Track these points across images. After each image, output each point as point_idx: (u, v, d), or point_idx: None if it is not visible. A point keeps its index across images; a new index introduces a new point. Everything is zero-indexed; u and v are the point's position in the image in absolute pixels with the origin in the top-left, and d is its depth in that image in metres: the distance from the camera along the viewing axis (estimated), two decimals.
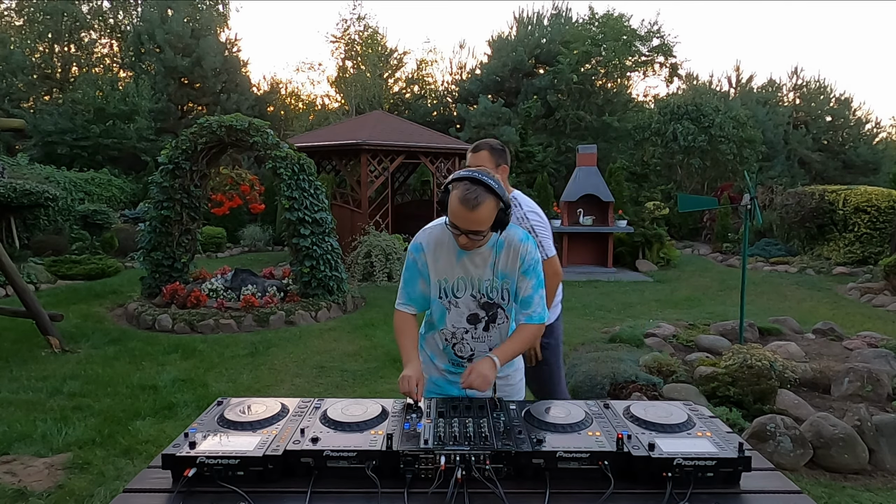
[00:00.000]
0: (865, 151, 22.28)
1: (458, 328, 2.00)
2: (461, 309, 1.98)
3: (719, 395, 3.90)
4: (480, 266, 1.94)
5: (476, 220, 1.76)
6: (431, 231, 2.00)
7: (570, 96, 19.54)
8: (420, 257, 1.98)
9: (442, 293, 1.98)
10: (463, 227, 1.79)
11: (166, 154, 6.76)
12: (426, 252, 1.97)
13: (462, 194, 1.75)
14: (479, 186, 1.76)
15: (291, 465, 1.42)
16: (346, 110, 23.17)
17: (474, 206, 1.74)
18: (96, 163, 16.12)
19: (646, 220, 11.42)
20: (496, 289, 1.96)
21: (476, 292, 1.96)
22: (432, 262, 1.96)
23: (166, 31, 18.97)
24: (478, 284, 1.95)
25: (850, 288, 8.81)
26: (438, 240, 1.96)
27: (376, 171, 11.18)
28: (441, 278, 1.96)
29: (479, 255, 1.93)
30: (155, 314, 6.49)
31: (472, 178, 1.77)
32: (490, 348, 2.00)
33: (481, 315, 1.98)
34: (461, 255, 1.93)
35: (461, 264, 1.94)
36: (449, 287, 1.96)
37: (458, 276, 1.95)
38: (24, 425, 3.73)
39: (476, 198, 1.74)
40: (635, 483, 1.39)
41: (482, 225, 1.79)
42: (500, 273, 1.94)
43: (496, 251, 1.92)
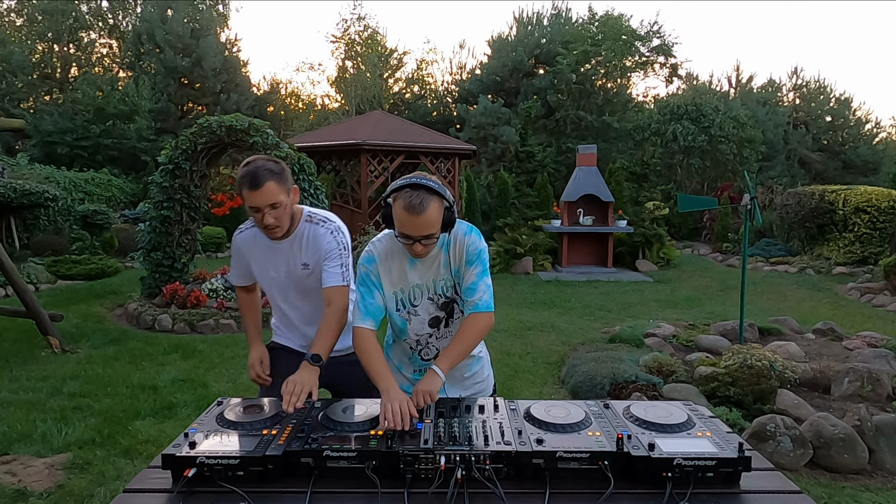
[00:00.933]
0: (865, 151, 22.28)
1: (421, 335, 1.99)
2: (421, 316, 1.96)
3: (719, 395, 3.90)
4: (433, 268, 1.92)
5: (426, 223, 1.73)
6: (380, 242, 1.94)
7: (570, 96, 19.54)
8: (373, 268, 1.92)
9: (399, 305, 1.95)
10: (414, 234, 1.75)
11: (166, 154, 6.76)
12: (378, 264, 1.92)
13: (406, 202, 1.71)
14: (420, 190, 1.72)
15: (291, 465, 1.42)
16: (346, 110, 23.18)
17: (421, 210, 1.71)
18: (96, 163, 16.13)
19: (646, 220, 11.42)
20: (450, 286, 1.94)
21: (433, 294, 1.94)
22: (385, 275, 1.92)
23: (166, 31, 18.97)
24: (433, 286, 1.93)
25: (850, 288, 8.81)
26: (388, 251, 1.93)
27: (376, 171, 11.18)
28: (396, 289, 1.94)
29: (429, 258, 1.90)
30: (155, 314, 6.49)
31: (411, 185, 1.74)
32: None
33: (441, 316, 1.97)
34: (413, 263, 1.91)
35: (414, 271, 1.92)
36: (406, 297, 1.94)
37: (414, 284, 1.93)
38: (24, 425, 3.73)
39: (421, 202, 1.70)
40: (635, 483, 1.39)
41: (432, 228, 1.75)
42: (454, 270, 1.92)
43: (445, 250, 1.91)
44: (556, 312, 7.25)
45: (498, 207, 12.43)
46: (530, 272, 10.44)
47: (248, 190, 1.94)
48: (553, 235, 11.06)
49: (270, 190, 1.94)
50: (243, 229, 2.21)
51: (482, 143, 18.67)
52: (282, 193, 1.97)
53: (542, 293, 8.56)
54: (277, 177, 1.96)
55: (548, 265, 10.92)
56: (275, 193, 1.95)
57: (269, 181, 1.93)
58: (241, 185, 1.95)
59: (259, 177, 1.93)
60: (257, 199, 1.94)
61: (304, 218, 2.13)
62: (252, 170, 1.94)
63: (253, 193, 1.93)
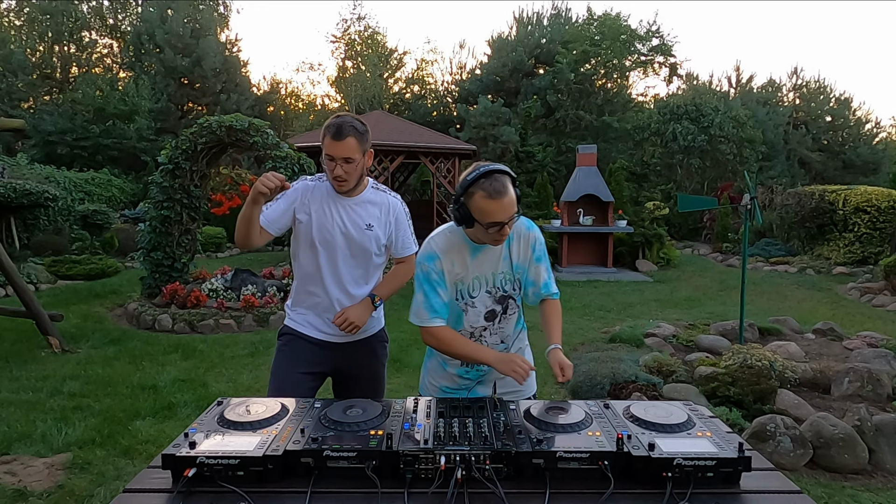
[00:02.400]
0: (865, 151, 22.29)
1: (476, 328, 2.01)
2: (478, 308, 1.98)
3: (719, 395, 3.90)
4: (493, 261, 1.96)
5: (510, 203, 1.78)
6: (439, 238, 1.96)
7: (570, 96, 19.55)
8: (435, 266, 1.93)
9: (458, 296, 1.97)
10: (503, 218, 1.78)
11: (166, 154, 6.76)
12: (441, 259, 1.93)
13: (488, 190, 1.75)
14: (493, 174, 1.78)
15: (291, 465, 1.42)
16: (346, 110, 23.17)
17: (505, 191, 1.76)
18: (96, 163, 16.14)
19: (646, 220, 11.42)
20: (509, 280, 1.98)
21: (491, 287, 1.97)
22: (448, 268, 1.94)
23: (166, 31, 18.98)
24: (492, 279, 1.97)
25: (850, 288, 8.82)
26: (449, 244, 1.94)
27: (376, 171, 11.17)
28: (457, 280, 1.96)
29: (490, 251, 1.94)
30: (155, 314, 6.49)
31: (485, 173, 1.78)
32: (502, 340, 2.04)
33: (498, 310, 2.00)
34: (475, 255, 1.94)
35: (475, 263, 1.95)
36: (465, 288, 1.97)
37: (473, 276, 1.96)
38: (24, 425, 3.73)
39: (502, 184, 1.76)
40: (635, 483, 1.39)
41: (515, 206, 1.80)
42: (515, 265, 1.97)
43: (507, 243, 1.94)
44: None
45: None
46: None
47: (329, 139, 2.04)
48: (553, 235, 11.06)
49: (349, 144, 2.04)
50: (309, 179, 2.25)
51: (482, 143, 18.67)
52: (358, 152, 2.07)
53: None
54: (360, 136, 2.06)
55: None
56: (352, 149, 2.05)
57: (350, 136, 2.03)
58: (325, 133, 2.06)
59: (343, 129, 2.03)
60: (335, 150, 2.04)
61: (370, 185, 2.25)
62: (339, 122, 2.05)
63: (333, 143, 2.04)
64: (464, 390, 2.05)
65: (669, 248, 11.47)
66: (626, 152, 18.87)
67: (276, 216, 2.17)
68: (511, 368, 1.82)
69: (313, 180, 2.24)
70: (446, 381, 2.09)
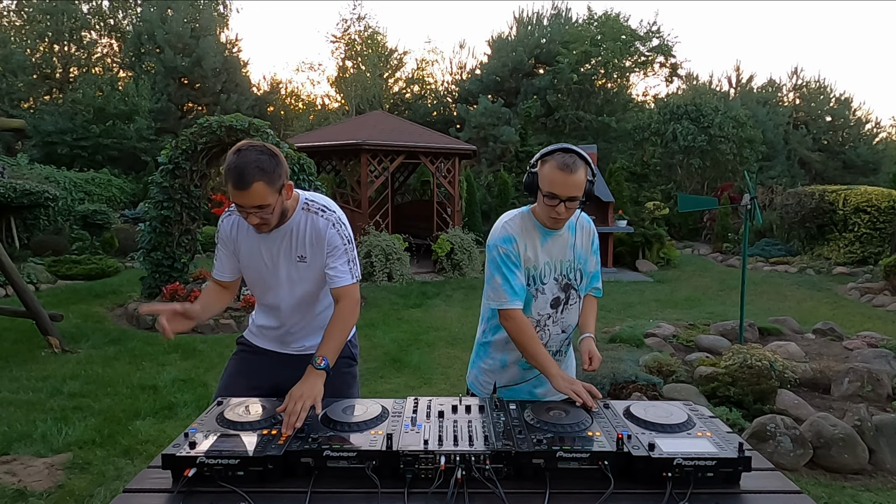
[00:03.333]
0: (865, 151, 22.29)
1: (542, 314, 2.01)
2: (546, 295, 1.99)
3: (719, 395, 3.90)
4: (562, 248, 1.99)
5: (575, 184, 1.80)
6: (513, 222, 1.96)
7: (570, 96, 19.55)
8: (512, 248, 1.92)
9: (530, 280, 1.97)
10: (563, 193, 1.80)
11: (166, 154, 6.76)
12: (517, 242, 1.93)
13: (560, 161, 1.80)
14: (572, 153, 1.82)
15: (291, 465, 1.42)
16: (346, 110, 23.17)
17: (574, 169, 1.79)
18: (96, 163, 16.14)
19: (646, 220, 11.42)
20: (574, 269, 2.02)
21: (558, 275, 2.00)
22: (522, 251, 1.94)
23: (166, 31, 18.98)
24: (559, 267, 2.00)
25: (850, 288, 8.81)
26: (523, 227, 1.96)
27: (376, 171, 11.17)
28: (529, 266, 1.96)
29: (559, 238, 1.98)
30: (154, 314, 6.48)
31: (563, 149, 1.84)
32: (563, 330, 2.05)
33: (562, 298, 2.02)
34: (545, 240, 1.96)
35: (545, 249, 1.97)
36: (537, 274, 1.97)
37: (545, 262, 1.98)
38: (24, 425, 3.73)
39: (574, 162, 1.80)
40: (635, 483, 1.39)
41: (579, 190, 1.81)
42: (578, 254, 2.02)
43: (573, 232, 2.00)
44: None
45: (498, 207, 12.43)
46: None
47: (232, 187, 1.71)
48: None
49: (258, 192, 1.70)
50: (231, 212, 1.97)
51: (482, 143, 18.66)
52: (271, 195, 1.73)
53: None
54: (268, 176, 1.71)
55: None
56: (262, 195, 1.72)
57: (257, 182, 1.69)
58: (227, 179, 1.71)
59: (246, 175, 1.68)
60: (242, 200, 1.73)
61: (300, 205, 1.92)
62: (240, 165, 1.69)
63: (237, 193, 1.71)
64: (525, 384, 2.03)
65: (669, 248, 11.47)
66: (626, 152, 18.87)
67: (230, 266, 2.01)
68: (573, 391, 1.74)
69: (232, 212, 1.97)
70: (505, 377, 2.04)
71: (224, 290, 2.06)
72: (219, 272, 2.03)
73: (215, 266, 2.04)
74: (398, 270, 8.98)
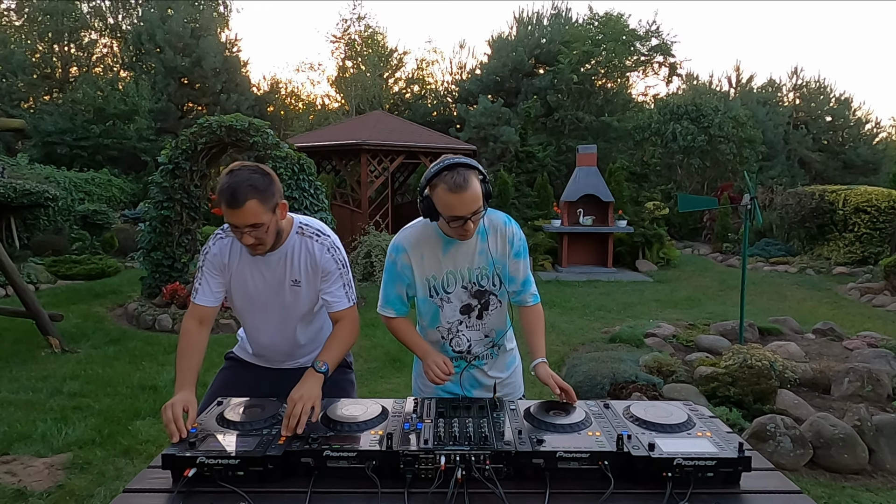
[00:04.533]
0: (865, 151, 22.29)
1: (452, 322, 1.98)
2: (453, 303, 1.96)
3: (719, 395, 3.90)
4: (467, 255, 1.92)
5: (473, 198, 1.73)
6: (411, 231, 1.95)
7: (570, 96, 19.53)
8: (400, 258, 1.93)
9: (432, 291, 1.95)
10: (465, 212, 1.74)
11: (166, 154, 6.76)
12: (408, 252, 1.92)
13: (449, 184, 1.71)
14: (457, 168, 1.73)
15: (291, 465, 1.42)
16: (346, 110, 23.17)
17: (466, 186, 1.71)
18: (96, 163, 16.14)
19: (646, 220, 11.42)
20: (486, 276, 1.94)
21: (466, 283, 1.94)
22: (417, 262, 1.92)
23: (166, 31, 18.98)
24: (467, 275, 1.94)
25: (850, 288, 8.81)
26: (420, 237, 1.92)
27: (376, 171, 11.18)
28: (429, 276, 1.93)
29: (463, 245, 1.90)
30: (155, 314, 6.49)
31: (445, 167, 1.74)
32: (486, 335, 2.01)
33: (474, 304, 1.97)
34: (447, 249, 1.91)
35: (448, 257, 1.92)
36: (438, 284, 1.94)
37: (447, 271, 1.93)
38: (24, 425, 3.73)
39: (464, 178, 1.71)
40: (635, 483, 1.39)
41: (479, 201, 1.75)
42: (490, 260, 1.92)
43: (482, 237, 1.91)
44: (556, 312, 7.24)
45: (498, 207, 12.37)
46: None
47: (226, 207, 1.71)
48: (553, 235, 11.06)
49: (251, 210, 1.70)
50: (222, 235, 1.94)
51: (482, 143, 18.66)
52: (265, 214, 1.73)
53: (542, 293, 8.43)
54: (261, 195, 1.71)
55: (548, 265, 10.92)
56: (256, 214, 1.71)
57: (250, 200, 1.69)
58: (220, 198, 1.71)
59: (239, 194, 1.68)
60: (235, 219, 1.72)
61: (294, 229, 1.91)
62: (233, 184, 1.69)
63: (231, 212, 1.71)
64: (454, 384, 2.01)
65: (669, 248, 11.47)
66: (626, 152, 18.86)
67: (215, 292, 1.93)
68: (429, 366, 1.84)
69: (225, 235, 1.93)
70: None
71: (202, 323, 1.93)
72: (203, 297, 1.92)
73: (198, 291, 1.92)
74: None
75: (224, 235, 1.93)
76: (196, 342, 1.90)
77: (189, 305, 1.96)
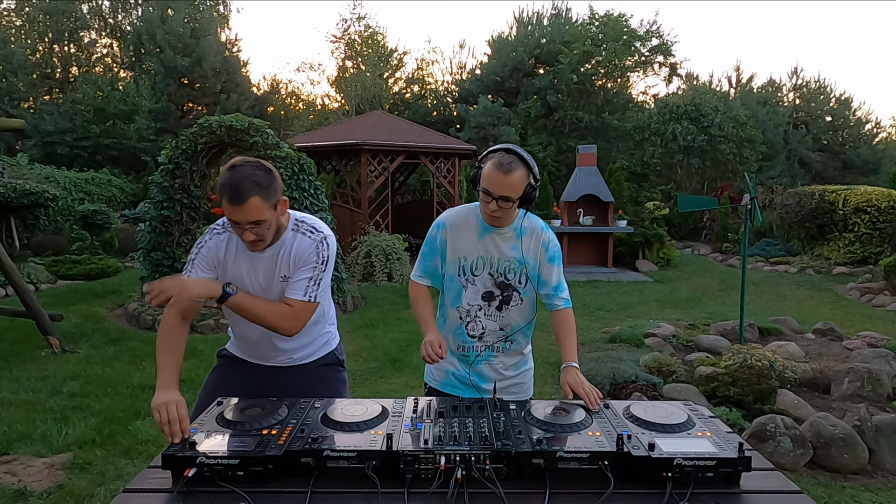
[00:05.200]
0: (865, 151, 22.29)
1: (472, 305, 2.05)
2: (477, 287, 2.03)
3: (719, 395, 3.90)
4: (502, 247, 2.00)
5: (509, 184, 1.83)
6: (457, 211, 2.08)
7: (570, 96, 19.53)
8: (440, 234, 2.04)
9: (461, 270, 2.03)
10: (495, 191, 1.84)
11: (166, 154, 6.76)
12: (448, 229, 2.03)
13: (497, 159, 1.84)
14: (513, 154, 1.85)
15: (291, 465, 1.42)
16: (346, 110, 23.17)
17: (508, 170, 1.82)
18: (96, 163, 16.14)
19: (646, 220, 11.42)
20: (514, 271, 2.02)
21: (494, 271, 2.02)
22: (453, 240, 2.02)
23: (166, 31, 18.98)
24: (496, 264, 2.01)
25: (850, 288, 8.81)
26: (462, 218, 2.04)
27: (376, 171, 11.18)
28: (461, 255, 2.02)
29: (501, 237, 2.00)
30: (155, 314, 6.49)
31: (506, 149, 1.87)
32: (501, 328, 2.06)
33: (496, 293, 2.04)
34: (483, 235, 2.00)
35: (482, 243, 2.00)
36: (468, 265, 2.02)
37: (478, 255, 2.01)
38: (24, 425, 3.73)
39: (510, 163, 1.83)
40: (635, 483, 1.39)
41: (514, 191, 1.84)
42: (520, 257, 2.00)
43: (519, 236, 2.00)
44: None
45: None
46: None
47: (228, 203, 1.69)
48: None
49: (254, 206, 1.69)
50: (219, 230, 1.92)
51: (482, 143, 18.66)
52: (267, 210, 1.73)
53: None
54: (264, 191, 1.71)
55: None
56: (259, 211, 1.71)
57: (254, 196, 1.68)
58: (222, 194, 1.70)
59: (242, 190, 1.67)
60: (238, 215, 1.71)
61: (290, 225, 1.90)
62: (235, 181, 1.68)
63: (234, 208, 1.69)
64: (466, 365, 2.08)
65: (669, 248, 11.47)
66: (626, 152, 18.86)
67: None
68: (424, 344, 1.90)
69: (222, 231, 1.91)
70: (450, 364, 2.12)
71: (184, 320, 1.89)
72: None
73: None
74: (398, 270, 8.98)
75: (221, 230, 1.92)
76: (178, 338, 1.88)
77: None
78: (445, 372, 2.12)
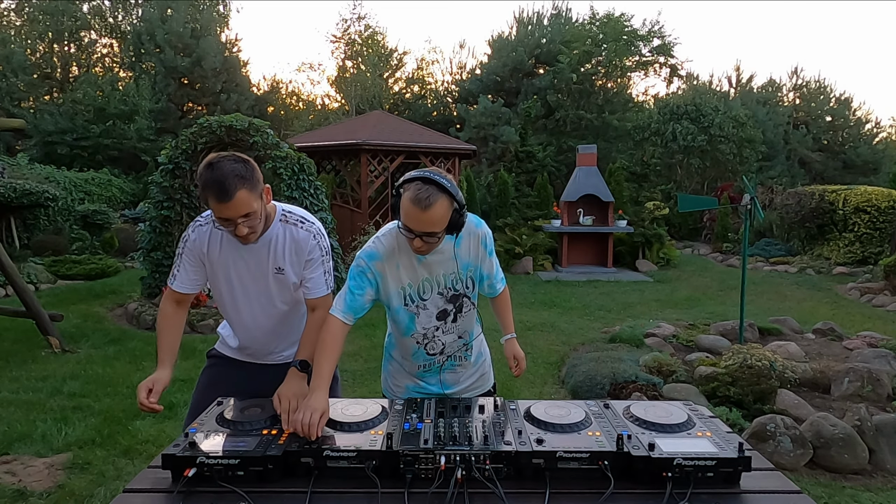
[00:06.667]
0: (865, 151, 22.29)
1: (428, 328, 1.94)
2: (429, 310, 1.91)
3: (719, 395, 3.90)
4: (442, 262, 1.87)
5: (430, 220, 1.66)
6: (386, 238, 1.86)
7: (570, 96, 19.53)
8: (373, 266, 1.84)
9: (408, 300, 1.89)
10: (417, 229, 1.68)
11: (166, 154, 6.76)
12: (382, 261, 1.84)
13: (414, 195, 1.65)
14: (431, 186, 1.66)
15: (291, 465, 1.42)
16: (346, 110, 23.17)
17: (427, 205, 1.64)
18: (96, 163, 16.14)
19: (646, 220, 11.41)
20: (461, 280, 1.91)
21: (443, 289, 1.90)
22: (392, 270, 1.85)
23: (166, 31, 18.97)
24: (443, 281, 1.89)
25: (850, 288, 8.81)
26: (396, 246, 1.85)
27: (376, 171, 11.18)
28: (404, 285, 1.87)
29: (438, 252, 1.84)
30: (155, 314, 6.49)
31: (423, 178, 1.68)
32: (459, 336, 1.99)
33: (449, 309, 1.93)
34: (422, 257, 1.85)
35: (425, 266, 1.86)
36: (414, 292, 1.89)
37: (423, 278, 1.88)
38: (24, 425, 3.73)
39: (428, 197, 1.64)
40: (635, 483, 1.39)
41: (436, 226, 1.68)
42: (464, 264, 1.89)
43: (458, 243, 1.86)
44: (556, 312, 7.24)
45: (498, 207, 12.43)
46: (530, 272, 10.44)
47: (215, 202, 1.66)
48: (553, 235, 11.06)
49: (242, 200, 1.67)
50: (201, 222, 1.91)
51: (482, 143, 18.67)
52: (255, 201, 1.71)
53: (542, 293, 8.56)
54: (248, 183, 1.68)
55: (548, 265, 10.92)
56: (247, 203, 1.69)
57: (240, 190, 1.66)
58: (207, 194, 1.66)
59: (228, 186, 1.64)
60: (228, 212, 1.68)
61: (278, 217, 1.90)
62: (219, 178, 1.64)
63: (222, 206, 1.66)
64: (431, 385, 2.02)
65: (669, 248, 11.47)
66: (626, 152, 18.85)
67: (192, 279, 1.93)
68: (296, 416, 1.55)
69: (204, 223, 1.91)
70: (408, 380, 2.06)
71: (180, 304, 1.97)
72: (180, 284, 1.93)
73: (175, 277, 1.93)
74: None
75: (203, 223, 1.91)
76: (174, 322, 1.96)
77: (166, 290, 1.97)
78: (405, 387, 2.05)
